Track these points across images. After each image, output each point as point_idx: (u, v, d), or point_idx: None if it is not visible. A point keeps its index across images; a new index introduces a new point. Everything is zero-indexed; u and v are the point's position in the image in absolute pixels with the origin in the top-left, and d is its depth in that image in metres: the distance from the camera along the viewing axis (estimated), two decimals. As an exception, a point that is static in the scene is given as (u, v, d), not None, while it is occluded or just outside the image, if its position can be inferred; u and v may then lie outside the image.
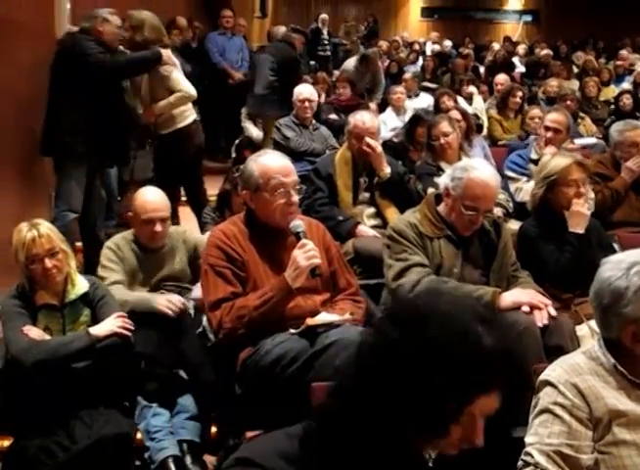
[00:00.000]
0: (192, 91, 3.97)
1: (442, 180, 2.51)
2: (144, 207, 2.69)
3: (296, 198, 2.21)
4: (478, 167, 2.43)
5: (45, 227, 2.35)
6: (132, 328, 2.38)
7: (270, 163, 2.22)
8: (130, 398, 2.46)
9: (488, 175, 2.42)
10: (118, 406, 2.38)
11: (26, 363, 2.20)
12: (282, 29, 7.60)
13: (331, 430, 1.00)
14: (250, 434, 2.23)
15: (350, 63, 6.78)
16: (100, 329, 2.32)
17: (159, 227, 2.68)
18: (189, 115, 4.08)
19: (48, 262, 2.31)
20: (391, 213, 3.29)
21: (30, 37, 3.94)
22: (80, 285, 2.43)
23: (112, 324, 2.34)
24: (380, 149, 3.35)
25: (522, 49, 9.82)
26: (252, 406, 2.15)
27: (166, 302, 2.57)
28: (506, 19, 15.90)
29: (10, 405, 2.30)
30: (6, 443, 2.52)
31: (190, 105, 4.08)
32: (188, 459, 2.35)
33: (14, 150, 3.89)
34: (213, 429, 2.54)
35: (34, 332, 2.31)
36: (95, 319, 2.41)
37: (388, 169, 3.32)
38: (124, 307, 2.48)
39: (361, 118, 3.40)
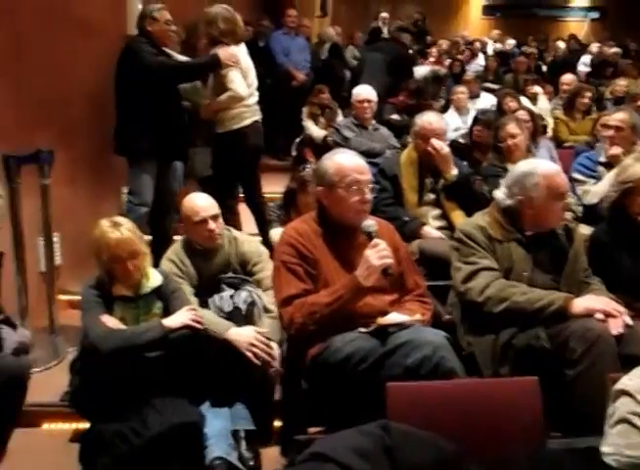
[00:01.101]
0: (241, 92, 3.85)
1: (502, 194, 2.48)
2: (194, 209, 2.75)
3: (369, 196, 2.24)
4: (538, 162, 2.50)
5: (126, 229, 2.42)
6: (203, 321, 2.46)
7: (345, 161, 2.26)
8: (199, 389, 2.54)
9: (552, 164, 2.51)
10: (187, 396, 2.46)
11: (104, 350, 2.30)
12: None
13: None
14: (312, 430, 2.28)
15: (420, 73, 6.72)
16: (172, 321, 2.40)
17: (212, 225, 2.73)
18: (247, 116, 3.96)
19: (129, 264, 2.41)
20: (457, 216, 3.28)
21: (104, 37, 4.11)
22: (154, 278, 2.52)
23: (184, 316, 2.42)
24: (446, 150, 3.33)
25: (595, 47, 9.48)
26: (318, 403, 2.19)
27: (248, 345, 2.47)
28: (571, 16, 15.49)
29: (86, 391, 2.40)
30: (80, 425, 2.67)
31: (251, 106, 4.00)
32: (243, 445, 2.42)
33: (87, 147, 4.06)
34: (277, 423, 2.60)
35: (111, 321, 2.41)
36: (167, 311, 2.50)
37: (454, 171, 3.30)
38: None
39: (428, 119, 3.39)
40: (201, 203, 2.78)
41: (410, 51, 6.20)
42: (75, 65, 3.88)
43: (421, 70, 6.84)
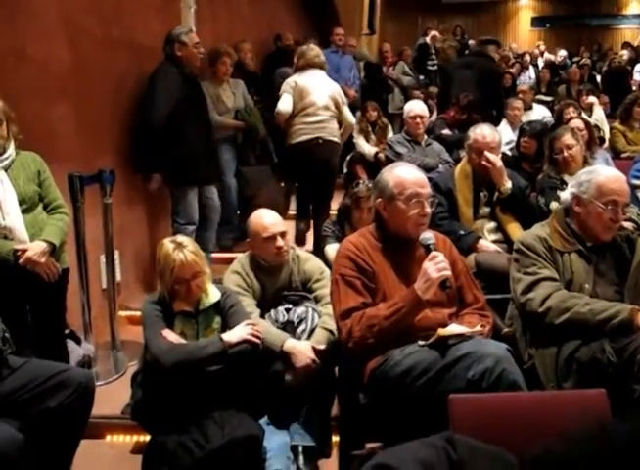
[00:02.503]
0: (281, 109, 4.32)
1: (567, 192, 2.46)
2: (262, 225, 2.77)
3: (428, 209, 2.24)
4: (600, 167, 2.50)
5: (190, 251, 2.46)
6: (262, 336, 2.48)
7: (406, 174, 2.28)
8: (259, 403, 2.56)
9: (614, 170, 2.46)
10: (247, 410, 2.48)
11: (166, 364, 2.34)
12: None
13: None
14: (370, 445, 2.27)
15: None
16: (231, 335, 2.43)
17: (280, 242, 2.74)
18: (305, 133, 4.29)
19: (192, 284, 2.46)
20: (513, 228, 3.23)
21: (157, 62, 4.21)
22: (213, 294, 2.56)
23: (243, 331, 2.44)
24: (500, 164, 3.30)
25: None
26: (377, 417, 2.18)
27: (306, 359, 2.48)
28: (625, 24, 15.15)
29: (149, 404, 2.45)
30: (141, 438, 2.73)
31: (311, 124, 4.31)
32: (301, 460, 2.42)
33: (140, 175, 4.17)
34: (335, 438, 2.60)
35: (172, 336, 2.46)
36: (225, 326, 2.53)
37: (508, 184, 3.27)
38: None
39: (481, 132, 3.37)
40: (269, 219, 2.80)
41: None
42: (133, 90, 4.03)
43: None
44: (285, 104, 4.30)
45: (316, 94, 4.32)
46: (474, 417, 1.58)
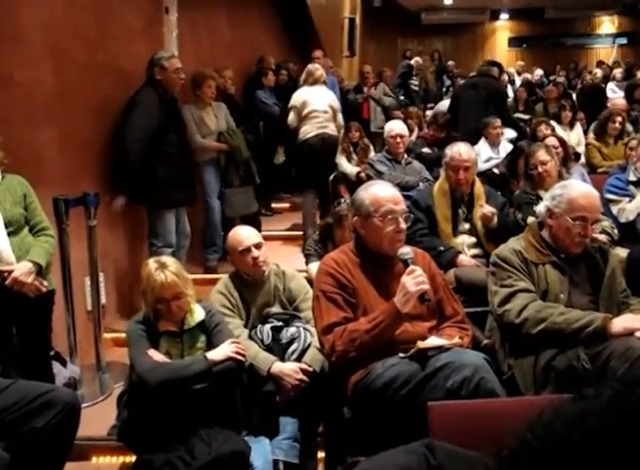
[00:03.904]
0: (289, 123, 5.46)
1: (542, 205, 2.54)
2: (237, 239, 2.83)
3: (404, 225, 2.30)
4: (574, 183, 2.56)
5: (172, 272, 2.49)
6: (245, 353, 2.51)
7: (381, 191, 2.34)
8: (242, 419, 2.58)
9: (587, 187, 2.53)
10: (232, 427, 2.51)
11: (151, 382, 2.36)
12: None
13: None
14: (354, 459, 2.29)
15: (444, 105, 6.86)
16: (216, 354, 2.46)
17: (255, 252, 2.79)
18: (310, 131, 5.32)
19: (173, 305, 2.49)
20: (492, 244, 3.30)
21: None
22: (197, 313, 2.59)
23: (227, 349, 2.47)
24: (495, 220, 3.37)
25: (618, 73, 9.51)
26: (361, 430, 2.21)
27: (294, 381, 2.53)
28: (599, 43, 15.52)
29: (134, 423, 2.46)
30: (127, 459, 2.73)
31: (315, 124, 5.32)
32: None
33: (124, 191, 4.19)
34: (320, 454, 2.62)
35: (157, 356, 2.48)
36: (210, 345, 2.56)
37: (494, 222, 3.35)
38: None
39: (458, 150, 3.46)
40: (243, 233, 2.87)
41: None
42: (117, 113, 4.07)
43: (445, 104, 6.95)
44: (290, 119, 5.45)
45: (319, 103, 5.39)
46: (453, 424, 1.62)
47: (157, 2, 4.75)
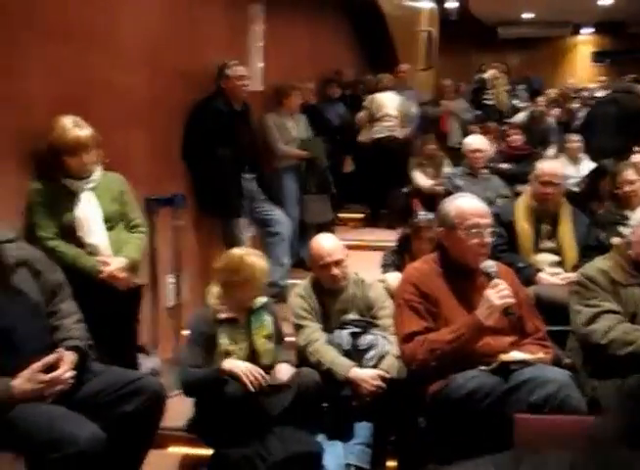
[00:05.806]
0: (358, 119, 6.27)
1: (631, 226, 2.48)
2: (319, 253, 2.84)
3: (489, 239, 2.30)
4: None
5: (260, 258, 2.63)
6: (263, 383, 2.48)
7: (467, 204, 2.35)
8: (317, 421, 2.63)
9: None
10: (305, 427, 2.55)
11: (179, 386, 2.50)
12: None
13: None
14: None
15: (519, 117, 6.77)
16: (234, 365, 2.47)
17: (335, 271, 2.80)
18: (379, 131, 5.98)
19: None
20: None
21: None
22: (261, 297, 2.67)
23: (245, 369, 2.45)
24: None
25: None
26: (436, 440, 2.22)
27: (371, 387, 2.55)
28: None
29: (212, 420, 2.53)
30: (203, 451, 2.82)
31: (385, 126, 5.98)
32: None
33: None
34: (392, 463, 2.63)
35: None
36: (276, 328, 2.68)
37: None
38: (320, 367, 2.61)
39: (548, 165, 3.43)
40: (327, 247, 2.84)
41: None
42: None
43: (519, 117, 6.86)
44: (359, 116, 6.27)
45: (388, 107, 6.04)
46: (538, 437, 1.62)
47: (243, 14, 4.92)
